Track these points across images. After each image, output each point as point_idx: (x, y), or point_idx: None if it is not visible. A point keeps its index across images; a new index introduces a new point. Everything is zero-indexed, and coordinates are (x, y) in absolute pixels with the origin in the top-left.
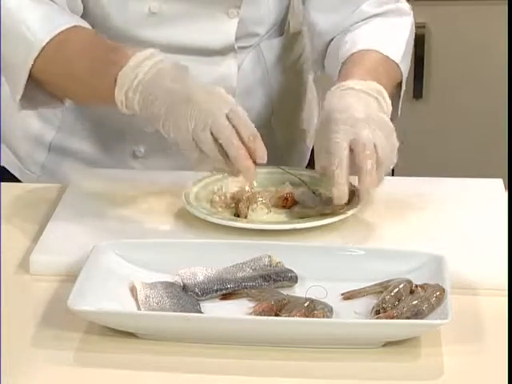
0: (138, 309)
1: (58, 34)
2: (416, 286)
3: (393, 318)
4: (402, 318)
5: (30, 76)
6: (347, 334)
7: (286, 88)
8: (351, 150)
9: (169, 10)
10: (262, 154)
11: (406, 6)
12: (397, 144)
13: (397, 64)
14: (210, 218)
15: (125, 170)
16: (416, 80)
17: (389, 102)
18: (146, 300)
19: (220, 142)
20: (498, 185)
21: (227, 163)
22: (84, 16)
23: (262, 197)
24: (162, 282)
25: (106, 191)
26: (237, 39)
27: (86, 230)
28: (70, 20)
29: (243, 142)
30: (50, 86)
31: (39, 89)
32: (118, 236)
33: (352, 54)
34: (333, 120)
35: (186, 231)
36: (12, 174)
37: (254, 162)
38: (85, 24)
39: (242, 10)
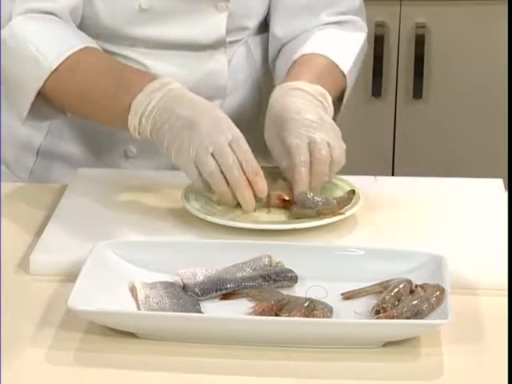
0: (138, 309)
1: (69, 56)
2: (416, 286)
3: (393, 317)
4: (402, 318)
5: (38, 93)
6: (347, 334)
7: (273, 84)
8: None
9: (159, 6)
10: (263, 188)
11: (363, 23)
12: (344, 146)
13: (343, 74)
14: (209, 218)
15: (125, 170)
16: (416, 80)
17: (331, 107)
18: (146, 300)
19: (222, 168)
20: (498, 185)
21: (225, 191)
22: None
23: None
24: (161, 282)
25: (105, 191)
26: (227, 33)
27: (86, 230)
28: (79, 41)
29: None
30: (60, 103)
31: (45, 104)
32: (117, 236)
33: (301, 56)
34: (289, 120)
35: (186, 231)
36: None
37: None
38: (93, 44)
39: (231, 4)
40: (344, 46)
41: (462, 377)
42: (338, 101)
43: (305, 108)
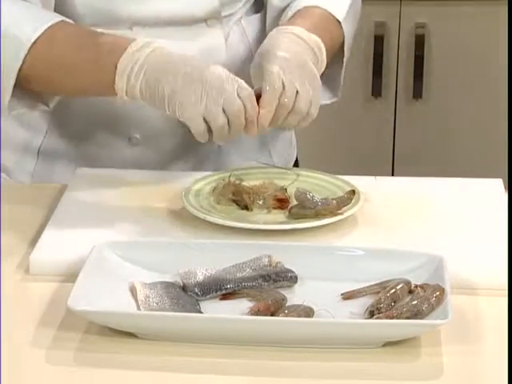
0: (138, 309)
1: (46, 30)
2: (416, 286)
3: (393, 318)
4: (402, 318)
5: (18, 77)
6: (347, 334)
7: None
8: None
9: None
10: (264, 117)
11: None
12: (319, 101)
13: (339, 22)
14: (209, 218)
15: (124, 170)
16: (416, 80)
17: (324, 58)
18: (146, 300)
19: (230, 118)
20: (498, 185)
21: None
22: (63, 2)
23: (262, 197)
24: (161, 282)
25: (105, 191)
26: (221, 5)
27: (86, 230)
28: (53, 16)
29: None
30: (41, 83)
31: (26, 91)
32: (117, 236)
33: (297, 11)
34: (272, 54)
35: (186, 231)
36: None
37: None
38: (67, 20)
39: None
40: None
41: (462, 377)
42: (339, 52)
43: (293, 50)
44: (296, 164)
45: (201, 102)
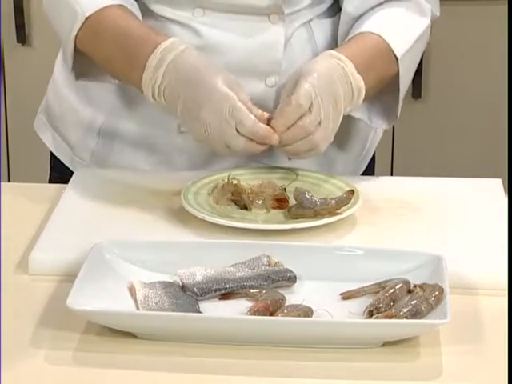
0: (137, 309)
1: (101, 9)
2: (415, 286)
3: (392, 317)
4: (401, 318)
5: (78, 47)
6: (346, 334)
7: None
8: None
9: None
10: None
11: (428, 5)
12: (331, 140)
13: (396, 57)
14: (209, 218)
15: (124, 170)
16: (415, 79)
17: (360, 102)
18: (145, 300)
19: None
20: (497, 185)
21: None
22: None
23: (261, 197)
24: (160, 282)
25: (105, 191)
26: (283, 1)
27: (85, 230)
28: None
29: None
30: (94, 57)
31: (89, 60)
32: (116, 236)
33: (357, 34)
34: (311, 76)
35: (185, 231)
36: (61, 163)
37: None
38: (131, 5)
39: None
40: (404, 29)
41: (461, 377)
42: (392, 88)
43: (332, 80)
44: None
45: (207, 140)
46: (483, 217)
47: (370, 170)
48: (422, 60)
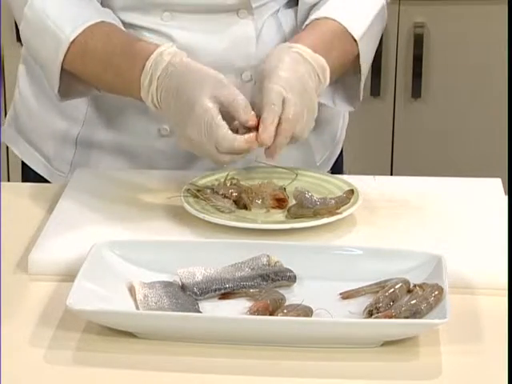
0: (137, 308)
1: (84, 30)
2: (414, 286)
3: (391, 317)
4: (401, 318)
5: (64, 69)
6: (346, 334)
7: None
8: None
9: None
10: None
11: None
12: (312, 125)
13: (354, 39)
14: (208, 218)
15: (123, 170)
16: (415, 80)
17: (327, 81)
18: (145, 300)
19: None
20: (497, 184)
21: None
22: None
23: (261, 197)
24: (160, 282)
25: (104, 191)
26: None
27: (85, 230)
28: (95, 15)
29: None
30: (83, 77)
31: (75, 79)
32: (116, 236)
33: (312, 21)
34: (275, 74)
35: (185, 231)
36: (41, 177)
37: None
38: (109, 16)
39: None
40: (359, 11)
41: (461, 376)
42: (354, 70)
43: (299, 73)
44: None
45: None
46: (483, 217)
47: (340, 156)
48: (421, 60)
